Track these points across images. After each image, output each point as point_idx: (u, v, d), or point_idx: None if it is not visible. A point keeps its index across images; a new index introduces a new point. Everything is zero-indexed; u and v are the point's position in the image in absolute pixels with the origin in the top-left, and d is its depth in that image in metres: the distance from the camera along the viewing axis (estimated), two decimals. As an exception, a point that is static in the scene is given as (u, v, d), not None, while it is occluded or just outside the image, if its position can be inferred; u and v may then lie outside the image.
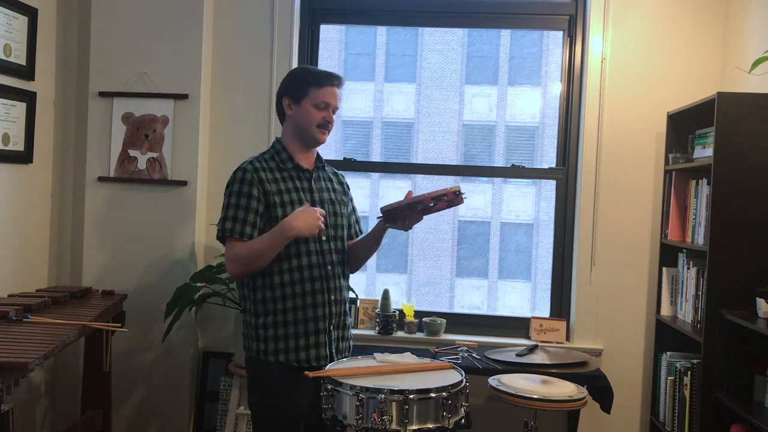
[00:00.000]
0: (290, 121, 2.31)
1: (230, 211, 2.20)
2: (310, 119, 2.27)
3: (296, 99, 2.28)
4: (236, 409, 3.16)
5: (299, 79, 2.29)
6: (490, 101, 3.97)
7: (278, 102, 2.33)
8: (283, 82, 2.35)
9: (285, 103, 2.30)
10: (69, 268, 3.54)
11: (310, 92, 2.26)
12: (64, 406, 3.50)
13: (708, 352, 2.66)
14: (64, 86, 3.53)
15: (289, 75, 2.35)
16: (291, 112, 2.29)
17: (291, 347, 2.25)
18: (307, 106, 2.26)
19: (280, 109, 2.34)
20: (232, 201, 2.20)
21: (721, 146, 2.64)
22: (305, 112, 2.27)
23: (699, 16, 3.36)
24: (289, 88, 2.30)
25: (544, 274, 3.69)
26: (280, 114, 2.35)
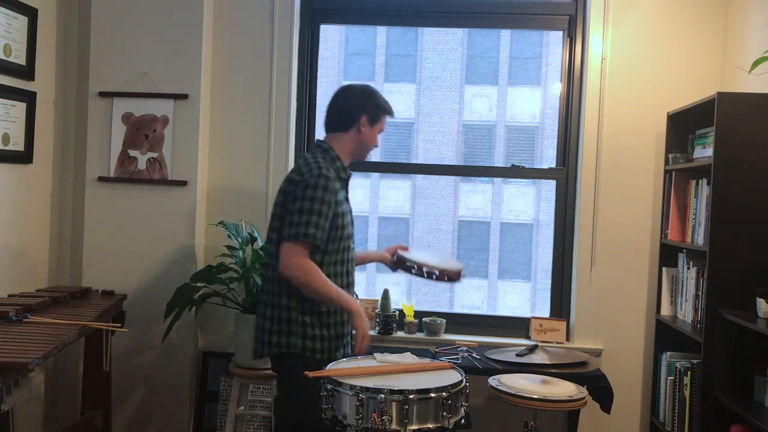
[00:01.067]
0: (356, 137, 2.43)
1: (313, 217, 2.26)
2: (373, 141, 2.47)
3: (372, 121, 2.44)
4: (236, 409, 3.16)
5: (379, 104, 2.46)
6: (490, 101, 3.97)
7: (353, 114, 2.42)
8: (362, 99, 2.45)
9: (363, 119, 2.42)
10: (69, 268, 3.54)
11: (381, 119, 2.47)
12: (64, 406, 3.50)
13: (708, 352, 2.65)
14: (64, 86, 3.53)
15: (370, 96, 2.46)
16: (364, 130, 2.43)
17: (332, 348, 2.38)
18: (376, 130, 2.47)
19: (350, 119, 2.42)
20: (315, 207, 2.26)
21: (721, 146, 2.64)
22: (373, 135, 2.46)
23: (699, 16, 3.36)
24: (370, 108, 2.44)
25: (544, 274, 3.69)
26: (347, 122, 2.43)
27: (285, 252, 2.27)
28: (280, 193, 2.40)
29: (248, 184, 3.51)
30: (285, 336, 2.34)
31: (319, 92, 3.73)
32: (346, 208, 2.43)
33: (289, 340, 2.33)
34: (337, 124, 2.45)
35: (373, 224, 4.14)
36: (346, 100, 2.46)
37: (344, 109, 2.45)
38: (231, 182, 3.53)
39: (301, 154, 3.64)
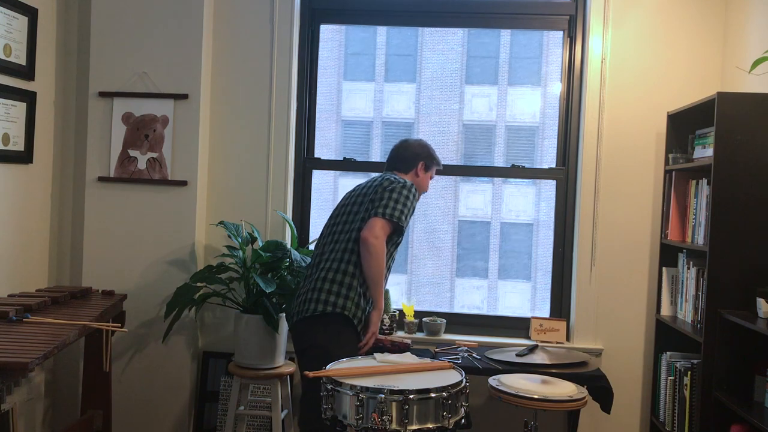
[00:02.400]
0: (414, 179, 2.92)
1: (406, 208, 2.70)
2: (426, 185, 2.97)
3: (427, 168, 2.94)
4: (236, 409, 3.16)
5: (433, 156, 2.96)
6: (490, 101, 3.96)
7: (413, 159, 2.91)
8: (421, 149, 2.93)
9: (420, 165, 2.92)
10: (69, 268, 3.54)
11: (433, 168, 2.98)
12: (64, 406, 3.51)
13: (708, 352, 2.66)
14: (64, 86, 3.53)
15: (428, 149, 2.96)
16: (421, 174, 2.93)
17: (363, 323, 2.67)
18: (428, 177, 2.97)
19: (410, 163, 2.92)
20: (409, 203, 2.71)
21: (721, 146, 2.64)
22: (426, 180, 2.96)
23: (699, 17, 3.36)
24: (426, 157, 2.94)
25: (544, 274, 3.69)
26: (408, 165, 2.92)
27: (375, 223, 2.61)
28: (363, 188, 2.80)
29: (248, 184, 3.52)
30: (342, 298, 2.60)
31: (319, 92, 3.73)
32: None
33: (345, 303, 2.60)
34: (401, 166, 2.93)
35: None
36: (408, 149, 2.94)
37: (405, 156, 2.92)
38: (231, 182, 3.53)
39: (301, 154, 3.65)
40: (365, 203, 2.72)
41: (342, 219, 2.78)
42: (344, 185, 4.08)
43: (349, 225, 2.73)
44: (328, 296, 2.60)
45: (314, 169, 3.70)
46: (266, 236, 3.47)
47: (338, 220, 2.79)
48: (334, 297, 2.60)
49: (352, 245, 2.66)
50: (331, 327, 2.60)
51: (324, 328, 2.60)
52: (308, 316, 2.61)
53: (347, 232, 2.71)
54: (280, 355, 3.17)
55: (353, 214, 2.74)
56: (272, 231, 3.50)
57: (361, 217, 2.70)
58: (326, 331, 2.60)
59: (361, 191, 2.80)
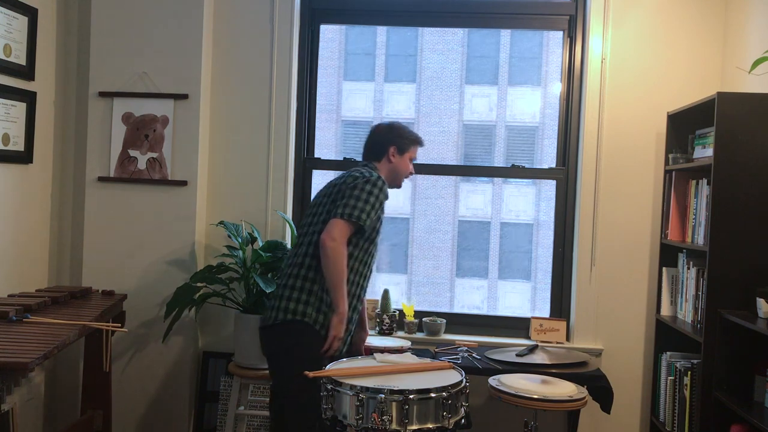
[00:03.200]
0: (389, 165, 2.75)
1: (368, 206, 2.55)
2: (405, 169, 2.78)
3: (401, 151, 2.75)
4: (236, 409, 3.16)
5: (404, 135, 2.77)
6: (490, 101, 3.97)
7: (382, 146, 2.75)
8: (389, 133, 2.77)
9: (391, 150, 2.74)
10: (69, 268, 3.54)
11: (410, 148, 2.78)
12: (64, 406, 3.51)
13: (708, 352, 2.66)
14: (64, 86, 3.53)
15: (397, 130, 2.78)
16: (394, 160, 2.75)
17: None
18: (406, 159, 2.78)
19: (381, 150, 2.75)
20: (371, 200, 2.56)
21: (721, 146, 2.64)
22: (404, 163, 2.77)
23: (699, 17, 3.36)
24: (396, 140, 2.76)
25: (544, 274, 3.69)
26: (378, 152, 2.76)
27: (332, 225, 2.50)
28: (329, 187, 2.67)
29: (248, 184, 3.52)
30: (303, 305, 2.51)
31: (319, 92, 3.73)
32: (383, 219, 2.70)
33: (306, 309, 2.50)
34: (371, 155, 2.78)
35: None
36: (377, 135, 2.79)
37: (375, 142, 2.78)
38: (231, 182, 3.53)
39: (301, 154, 3.65)
40: (328, 204, 2.61)
41: (307, 221, 2.68)
42: (344, 185, 4.08)
43: (312, 227, 2.62)
44: (288, 303, 2.51)
45: (314, 169, 3.70)
46: (266, 236, 3.47)
47: (304, 222, 2.69)
48: (294, 304, 2.51)
49: (313, 249, 2.55)
50: (290, 335, 2.51)
51: (282, 336, 2.52)
52: (269, 324, 2.54)
53: (309, 234, 2.61)
54: (280, 355, 3.17)
55: (316, 215, 2.64)
56: (272, 231, 3.50)
57: (322, 219, 2.59)
58: (283, 340, 2.52)
59: (327, 190, 2.67)
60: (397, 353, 2.79)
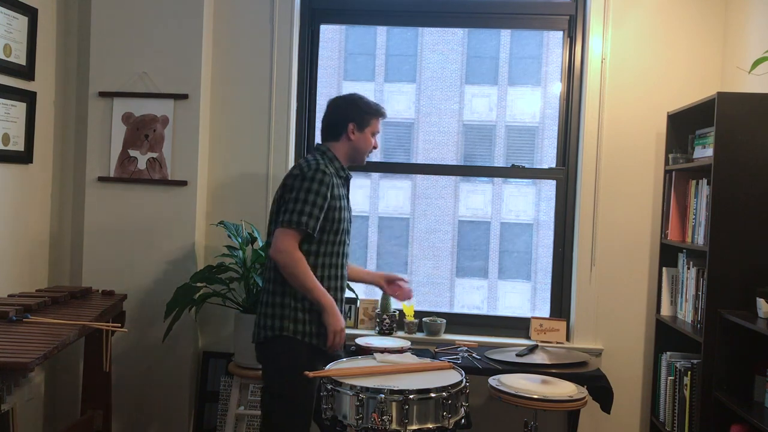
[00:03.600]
0: (349, 143, 2.59)
1: (307, 206, 2.40)
2: (368, 145, 2.61)
3: (360, 127, 2.58)
4: (236, 409, 3.16)
5: (362, 110, 2.60)
6: (490, 101, 3.97)
7: (340, 123, 2.58)
8: (347, 108, 2.60)
9: (350, 127, 2.57)
10: (69, 268, 3.54)
11: (371, 122, 2.60)
12: (64, 406, 3.50)
13: (708, 352, 2.65)
14: (64, 86, 3.53)
15: (355, 104, 2.61)
16: (354, 137, 2.58)
17: (323, 332, 2.44)
18: (368, 134, 2.60)
19: (339, 128, 2.59)
20: (311, 198, 2.41)
21: (721, 146, 2.64)
22: (366, 139, 2.60)
23: (699, 17, 3.36)
24: (355, 115, 2.58)
25: (544, 274, 3.69)
26: (336, 131, 2.59)
27: (276, 237, 2.41)
28: (279, 188, 2.54)
29: (248, 184, 3.51)
30: (278, 319, 2.44)
31: (319, 92, 3.73)
32: (343, 204, 2.54)
33: (282, 323, 2.43)
34: (329, 134, 2.62)
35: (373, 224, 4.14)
36: (334, 111, 2.62)
37: (332, 119, 2.61)
38: (231, 182, 3.53)
39: (301, 154, 3.64)
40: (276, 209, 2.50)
41: (269, 227, 2.58)
42: (344, 185, 4.08)
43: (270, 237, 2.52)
44: (265, 320, 2.46)
45: (314, 169, 3.70)
46: (266, 236, 3.46)
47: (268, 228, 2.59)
48: (270, 320, 2.45)
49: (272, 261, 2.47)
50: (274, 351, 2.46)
51: (267, 353, 2.49)
52: (256, 342, 2.52)
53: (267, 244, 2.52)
54: (280, 355, 3.17)
55: (271, 223, 2.54)
56: (272, 231, 3.50)
57: (273, 228, 2.48)
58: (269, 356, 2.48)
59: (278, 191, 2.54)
60: (397, 353, 2.78)
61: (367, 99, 2.65)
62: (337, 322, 2.43)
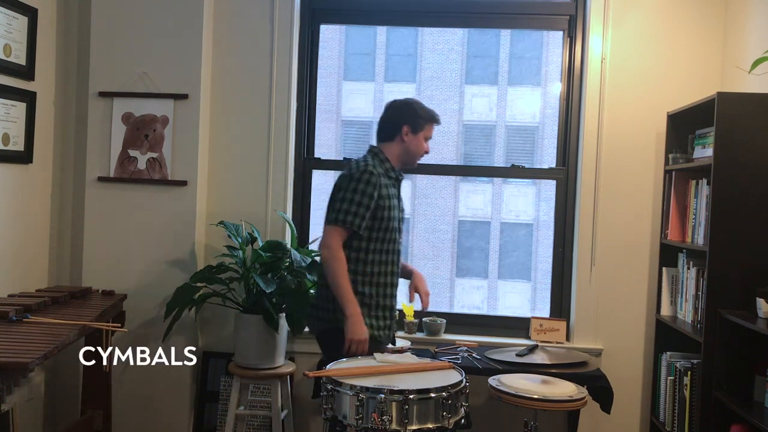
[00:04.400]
0: (402, 145, 2.69)
1: (353, 206, 2.53)
2: (420, 148, 2.71)
3: (415, 130, 2.68)
4: (236, 409, 3.16)
5: (419, 115, 2.70)
6: (490, 101, 3.97)
7: (395, 125, 2.68)
8: (403, 110, 2.70)
9: (404, 129, 2.67)
10: (69, 268, 3.54)
11: (425, 127, 2.70)
12: (64, 406, 3.50)
13: (708, 352, 2.66)
14: (64, 86, 3.53)
15: (412, 107, 2.70)
16: (407, 139, 2.68)
17: (383, 326, 2.63)
18: (421, 138, 2.70)
19: (392, 130, 2.69)
20: (356, 198, 2.54)
21: (721, 146, 2.64)
22: (418, 142, 2.70)
23: (699, 17, 3.36)
24: (410, 118, 2.68)
25: (544, 274, 3.69)
26: (390, 132, 2.70)
27: (325, 234, 2.56)
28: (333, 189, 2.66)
29: (248, 184, 3.51)
30: (332, 312, 2.57)
31: (319, 92, 3.73)
32: (393, 204, 2.65)
33: (336, 315, 2.55)
34: (384, 135, 2.72)
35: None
36: (390, 113, 2.73)
37: (388, 121, 2.71)
38: (231, 182, 3.53)
39: (301, 154, 3.65)
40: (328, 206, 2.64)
41: None
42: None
43: None
44: (319, 312, 2.64)
45: (314, 169, 3.70)
46: (266, 236, 3.47)
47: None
48: (324, 312, 2.62)
49: None
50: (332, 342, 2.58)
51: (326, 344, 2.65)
52: (315, 335, 2.70)
53: None
54: (280, 355, 3.17)
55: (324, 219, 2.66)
56: (272, 231, 3.50)
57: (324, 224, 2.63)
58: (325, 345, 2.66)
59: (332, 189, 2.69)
60: (397, 353, 2.79)
61: (423, 104, 2.73)
62: (358, 332, 2.52)
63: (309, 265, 3.11)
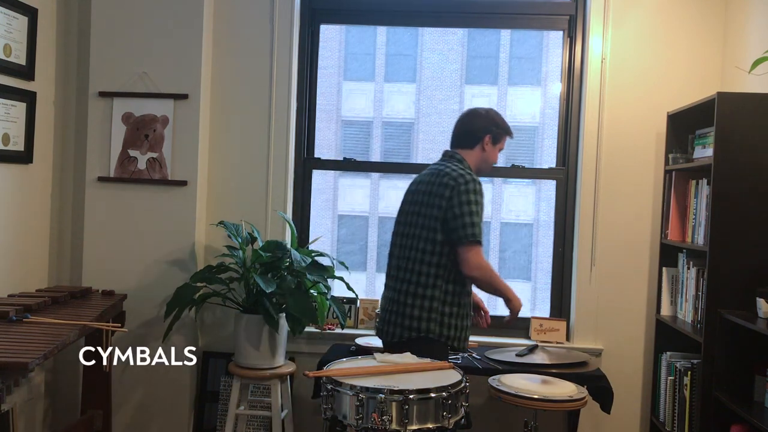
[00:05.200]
0: (482, 154, 2.73)
1: (477, 218, 2.55)
2: (495, 158, 2.77)
3: (495, 141, 2.73)
4: (236, 409, 3.16)
5: (500, 126, 2.75)
6: (490, 101, 3.96)
7: (478, 134, 2.71)
8: (487, 120, 2.73)
9: (486, 139, 2.71)
10: (69, 268, 3.54)
11: (502, 139, 2.77)
12: (64, 406, 3.50)
13: (708, 352, 2.66)
14: (64, 86, 3.53)
15: (493, 119, 2.74)
16: (487, 149, 2.73)
17: (462, 337, 2.65)
18: (497, 149, 2.76)
19: (474, 138, 2.72)
20: (477, 209, 2.56)
21: (721, 146, 2.64)
22: (494, 153, 2.76)
23: (699, 17, 3.36)
24: (492, 129, 2.73)
25: (544, 274, 3.69)
26: (472, 140, 2.72)
27: (470, 255, 2.53)
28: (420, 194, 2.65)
29: (248, 184, 3.52)
30: (425, 322, 2.57)
31: (319, 92, 3.73)
32: None
33: (429, 325, 2.57)
34: (464, 142, 2.74)
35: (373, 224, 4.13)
36: (473, 121, 2.74)
37: (470, 129, 2.73)
38: (231, 182, 3.53)
39: (301, 154, 3.65)
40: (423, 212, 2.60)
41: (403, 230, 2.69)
42: (344, 185, 4.08)
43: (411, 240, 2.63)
44: (411, 322, 2.58)
45: (314, 169, 3.70)
46: (266, 236, 3.47)
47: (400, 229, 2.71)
48: (417, 322, 2.58)
49: (427, 269, 2.58)
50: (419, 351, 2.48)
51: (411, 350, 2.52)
52: (396, 341, 2.62)
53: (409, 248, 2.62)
54: (280, 355, 3.17)
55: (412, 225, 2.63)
56: (272, 231, 3.50)
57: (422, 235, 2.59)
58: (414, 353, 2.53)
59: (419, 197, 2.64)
60: (397, 353, 2.79)
61: (501, 116, 2.79)
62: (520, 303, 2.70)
63: (309, 265, 3.11)
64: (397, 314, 2.62)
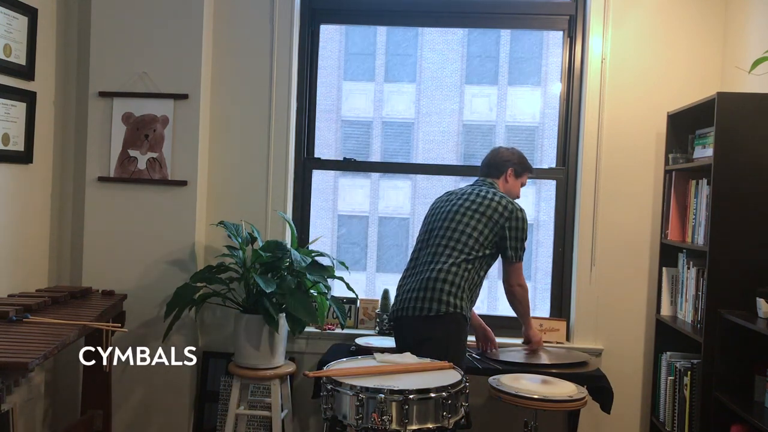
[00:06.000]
0: (506, 184, 3.08)
1: (524, 243, 2.94)
2: (517, 192, 3.11)
3: (517, 175, 3.09)
4: (236, 409, 3.16)
5: (523, 163, 3.10)
6: (490, 101, 3.97)
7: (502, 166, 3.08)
8: (512, 156, 3.08)
9: (509, 171, 3.07)
10: (69, 268, 3.54)
11: (523, 174, 3.12)
12: (64, 406, 3.50)
13: (708, 352, 2.66)
14: (64, 86, 3.53)
15: (518, 156, 3.10)
16: (510, 180, 3.08)
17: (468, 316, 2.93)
18: (519, 183, 3.11)
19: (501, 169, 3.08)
20: (524, 235, 2.93)
21: (721, 146, 2.64)
22: (516, 186, 3.10)
23: (699, 17, 3.36)
24: (516, 164, 3.09)
25: (544, 274, 3.69)
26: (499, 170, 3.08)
27: (515, 272, 2.94)
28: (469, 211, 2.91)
29: (248, 184, 3.52)
30: (454, 298, 2.81)
31: (319, 92, 3.73)
32: None
33: (456, 301, 2.81)
34: (493, 171, 3.09)
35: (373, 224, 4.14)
36: (499, 155, 3.10)
37: (496, 162, 3.09)
38: (231, 182, 3.53)
39: (301, 154, 3.65)
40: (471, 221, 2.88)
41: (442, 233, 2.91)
42: (344, 185, 4.09)
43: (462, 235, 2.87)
44: (444, 296, 2.79)
45: (314, 169, 3.70)
46: (266, 236, 3.47)
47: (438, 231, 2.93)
48: (453, 298, 2.80)
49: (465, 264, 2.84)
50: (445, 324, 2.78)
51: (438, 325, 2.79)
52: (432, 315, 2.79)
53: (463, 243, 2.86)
54: (280, 355, 3.17)
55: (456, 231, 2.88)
56: (272, 231, 3.50)
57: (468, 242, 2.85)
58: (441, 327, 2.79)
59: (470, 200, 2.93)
60: (397, 353, 2.79)
61: (525, 156, 3.13)
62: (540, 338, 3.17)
63: (309, 265, 3.11)
64: (433, 290, 2.82)
